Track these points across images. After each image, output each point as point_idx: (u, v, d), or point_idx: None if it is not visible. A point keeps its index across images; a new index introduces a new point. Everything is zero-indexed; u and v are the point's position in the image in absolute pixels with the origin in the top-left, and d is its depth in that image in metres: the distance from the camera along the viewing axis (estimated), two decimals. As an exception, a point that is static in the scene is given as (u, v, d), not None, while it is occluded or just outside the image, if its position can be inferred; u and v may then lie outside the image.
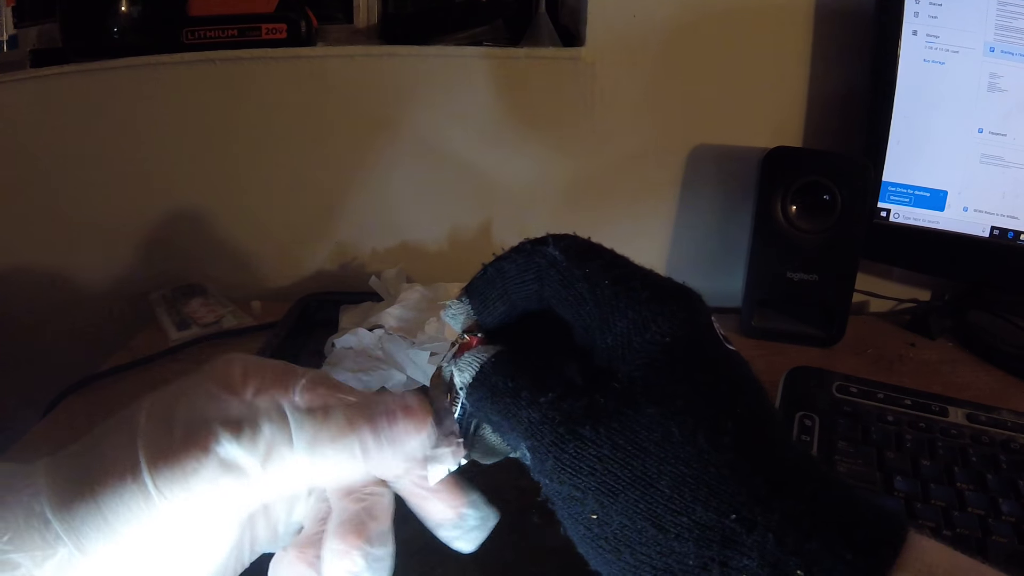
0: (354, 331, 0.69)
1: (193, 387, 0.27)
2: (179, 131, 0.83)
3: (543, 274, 0.27)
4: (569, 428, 0.24)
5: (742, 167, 0.84)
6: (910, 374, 0.74)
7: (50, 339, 0.90)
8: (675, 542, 0.22)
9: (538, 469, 0.25)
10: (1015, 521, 0.50)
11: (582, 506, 0.24)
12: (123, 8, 0.81)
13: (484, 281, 0.28)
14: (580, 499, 0.24)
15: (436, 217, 0.89)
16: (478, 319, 0.29)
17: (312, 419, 0.27)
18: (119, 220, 0.86)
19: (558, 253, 0.27)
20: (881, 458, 0.55)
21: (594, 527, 0.24)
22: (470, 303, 0.29)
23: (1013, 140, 0.70)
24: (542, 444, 0.24)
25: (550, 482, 0.24)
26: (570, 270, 0.26)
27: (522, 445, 0.25)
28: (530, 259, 0.27)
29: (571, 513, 0.24)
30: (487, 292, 0.28)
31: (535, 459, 0.25)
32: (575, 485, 0.24)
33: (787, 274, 0.77)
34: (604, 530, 0.23)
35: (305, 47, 0.82)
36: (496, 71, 0.82)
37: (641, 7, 0.80)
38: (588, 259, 0.26)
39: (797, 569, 0.20)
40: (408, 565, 0.50)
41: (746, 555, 0.21)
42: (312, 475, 0.27)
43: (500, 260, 0.28)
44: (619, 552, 0.23)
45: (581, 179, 0.87)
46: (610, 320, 0.25)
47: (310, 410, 0.27)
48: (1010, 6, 0.67)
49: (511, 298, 0.28)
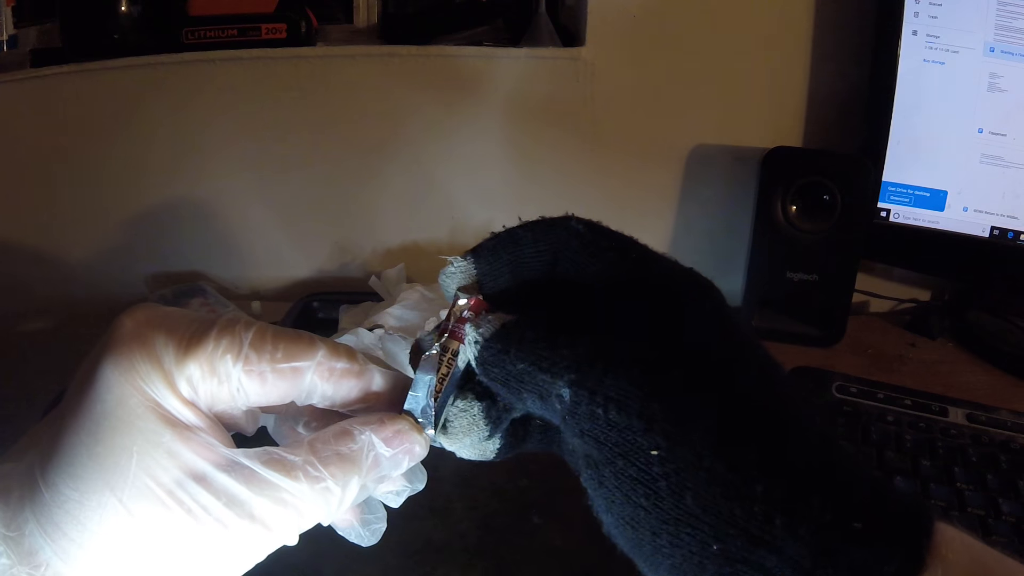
0: (354, 331, 0.69)
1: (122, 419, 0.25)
2: (179, 131, 0.83)
3: (562, 245, 0.27)
4: (630, 355, 0.23)
5: (742, 167, 0.84)
6: (910, 374, 0.74)
7: (50, 339, 0.89)
8: (744, 486, 0.21)
9: (585, 404, 0.23)
10: (1015, 521, 0.50)
11: (644, 438, 0.22)
12: (123, 8, 0.81)
13: (495, 244, 0.28)
14: (642, 430, 0.22)
15: (436, 217, 0.89)
16: (480, 283, 0.28)
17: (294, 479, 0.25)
18: (119, 220, 0.86)
19: (581, 227, 0.27)
20: (881, 458, 0.55)
21: (654, 466, 0.21)
22: (475, 264, 0.28)
23: (1013, 140, 0.70)
24: (593, 373, 0.23)
25: (600, 416, 0.22)
26: (596, 242, 0.26)
27: (559, 385, 0.23)
28: (549, 230, 0.27)
29: (623, 452, 0.22)
30: (496, 257, 0.28)
31: (581, 393, 0.23)
32: (638, 412, 0.22)
33: (787, 274, 0.77)
34: (665, 468, 0.21)
35: (305, 47, 0.82)
36: (496, 71, 0.82)
37: (641, 7, 0.80)
38: (612, 234, 0.27)
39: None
40: (408, 565, 0.50)
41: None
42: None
43: (514, 228, 0.28)
44: (680, 496, 0.21)
45: (581, 179, 0.87)
46: (645, 281, 0.25)
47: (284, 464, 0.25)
48: (1010, 6, 0.67)
49: (521, 266, 0.27)
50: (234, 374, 0.26)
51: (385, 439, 0.27)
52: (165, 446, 0.24)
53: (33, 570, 0.24)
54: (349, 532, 0.31)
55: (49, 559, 0.24)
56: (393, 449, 0.27)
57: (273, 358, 0.27)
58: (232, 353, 0.26)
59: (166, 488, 0.24)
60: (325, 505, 0.26)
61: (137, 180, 0.85)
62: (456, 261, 0.28)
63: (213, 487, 0.24)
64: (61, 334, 0.89)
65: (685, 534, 0.21)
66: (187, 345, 0.26)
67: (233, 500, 0.24)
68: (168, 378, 0.25)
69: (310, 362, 0.27)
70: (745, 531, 0.20)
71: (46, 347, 0.89)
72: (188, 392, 0.26)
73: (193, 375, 0.26)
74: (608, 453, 0.23)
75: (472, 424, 0.28)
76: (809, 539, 0.20)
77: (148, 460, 0.24)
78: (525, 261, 0.27)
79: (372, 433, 0.27)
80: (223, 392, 0.27)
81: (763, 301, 0.80)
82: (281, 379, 0.27)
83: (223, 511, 0.24)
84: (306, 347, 0.27)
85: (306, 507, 0.25)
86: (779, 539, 0.20)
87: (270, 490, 0.25)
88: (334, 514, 0.26)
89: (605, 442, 0.23)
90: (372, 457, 0.26)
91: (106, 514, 0.24)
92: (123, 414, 0.24)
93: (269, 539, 0.25)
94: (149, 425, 0.25)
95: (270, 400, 0.28)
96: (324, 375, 0.28)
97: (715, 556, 0.20)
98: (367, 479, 0.27)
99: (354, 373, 0.28)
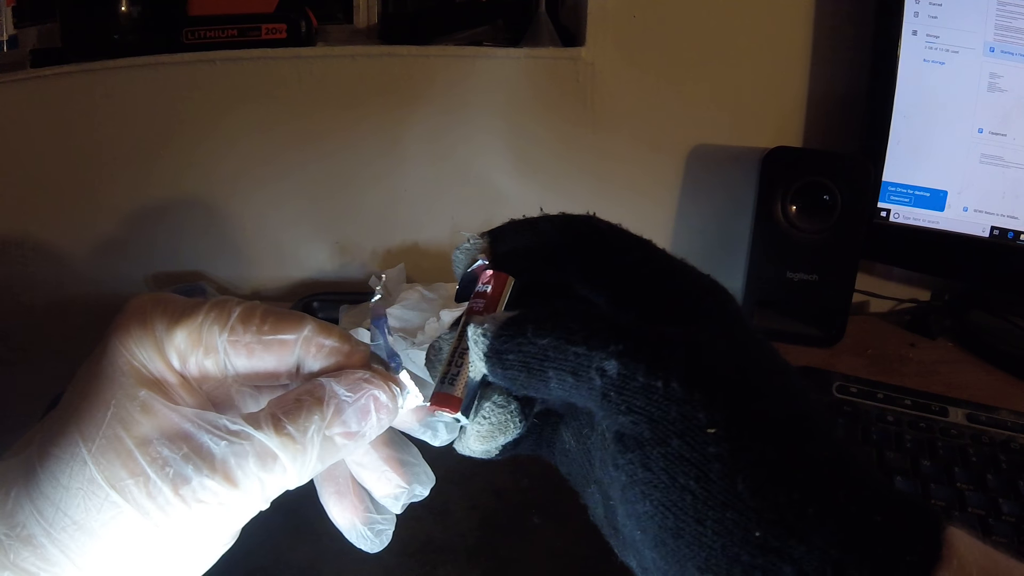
0: (354, 331, 0.69)
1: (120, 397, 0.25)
2: (179, 131, 0.83)
3: (582, 239, 0.27)
4: (679, 333, 0.22)
5: (742, 167, 0.84)
6: (910, 374, 0.74)
7: (49, 339, 0.89)
8: (789, 472, 0.21)
9: (641, 377, 0.22)
10: (1015, 521, 0.50)
11: (705, 413, 0.21)
12: (123, 8, 0.81)
13: (514, 228, 0.28)
14: (703, 405, 0.21)
15: (436, 217, 0.89)
16: (494, 264, 0.27)
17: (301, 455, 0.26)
18: (119, 220, 0.86)
19: (604, 226, 0.27)
20: (881, 458, 0.55)
21: (709, 446, 0.21)
22: (491, 244, 0.28)
23: (1013, 140, 0.70)
24: (647, 344, 0.22)
25: (659, 389, 0.21)
26: (621, 239, 0.27)
27: (598, 357, 0.22)
28: (569, 224, 0.27)
29: (678, 430, 0.21)
30: (514, 240, 0.28)
31: (635, 366, 0.22)
32: (702, 386, 0.21)
33: (787, 274, 0.77)
34: (720, 448, 0.20)
35: (305, 47, 0.82)
36: (496, 71, 0.82)
37: (641, 7, 0.80)
38: (635, 236, 0.27)
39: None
40: (408, 565, 0.50)
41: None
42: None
43: (534, 217, 0.28)
44: (731, 479, 0.20)
45: (581, 179, 0.87)
46: (674, 282, 0.26)
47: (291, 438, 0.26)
48: (1010, 6, 0.67)
49: (536, 254, 0.27)
50: (220, 345, 0.27)
51: (346, 386, 0.27)
52: (141, 400, 0.25)
53: (10, 530, 0.24)
54: (352, 534, 0.31)
55: (26, 519, 0.24)
56: (355, 394, 0.27)
57: (260, 330, 0.27)
58: (219, 325, 0.27)
59: (136, 440, 0.24)
60: (289, 454, 0.26)
61: (137, 180, 0.85)
62: (472, 238, 0.28)
63: (178, 442, 0.25)
64: (62, 334, 0.89)
65: (730, 519, 0.20)
66: (178, 317, 0.27)
67: (197, 451, 0.25)
68: (158, 344, 0.27)
69: (296, 336, 0.28)
70: (783, 519, 0.20)
71: (47, 346, 0.90)
72: (177, 361, 0.27)
73: (180, 344, 0.27)
74: (661, 431, 0.21)
75: (509, 421, 0.27)
76: (836, 530, 0.20)
77: (122, 412, 0.25)
78: (541, 250, 0.27)
79: (332, 382, 0.27)
80: (210, 364, 0.27)
81: (763, 301, 0.80)
82: (267, 351, 0.28)
83: (184, 465, 0.24)
84: (294, 322, 0.28)
85: (269, 456, 0.25)
86: (808, 529, 0.20)
87: (233, 441, 0.25)
88: (301, 467, 0.26)
89: (659, 419, 0.21)
90: (334, 404, 0.27)
91: (75, 467, 0.24)
92: (110, 372, 0.26)
93: (234, 498, 0.25)
94: (129, 381, 0.26)
95: (257, 372, 0.28)
96: (311, 351, 0.28)
97: (752, 545, 0.20)
98: (332, 430, 0.27)
99: (343, 352, 0.28)
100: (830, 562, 0.19)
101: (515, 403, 0.27)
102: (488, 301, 0.26)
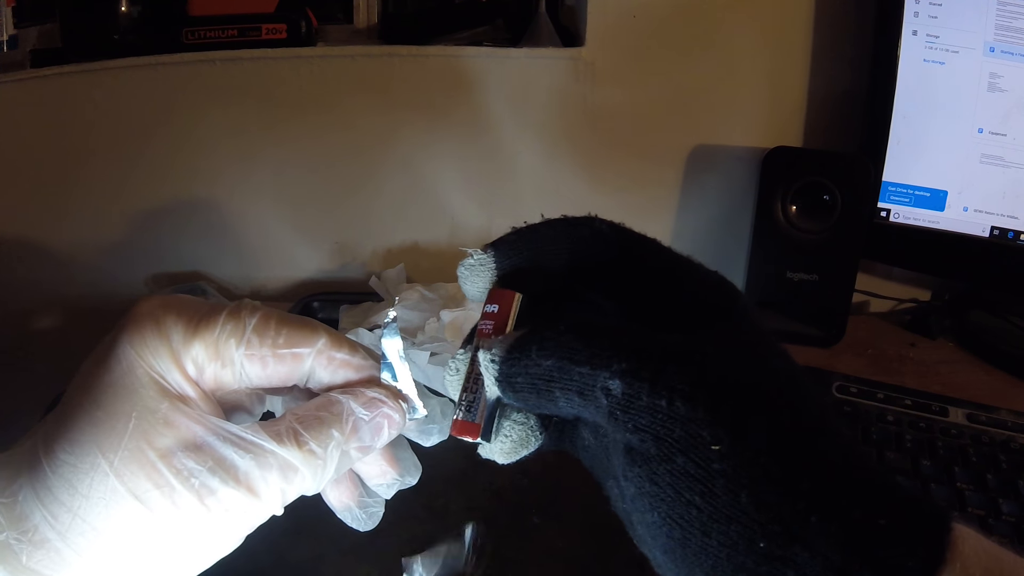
0: (354, 331, 0.69)
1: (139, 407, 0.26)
2: (179, 131, 0.83)
3: (583, 243, 0.27)
4: (683, 346, 0.22)
5: (742, 167, 0.84)
6: (910, 374, 0.74)
7: (50, 340, 0.89)
8: (793, 483, 0.21)
9: (645, 396, 0.22)
10: (1015, 521, 0.50)
11: (709, 431, 0.21)
12: (123, 8, 0.81)
13: (515, 238, 0.28)
14: (708, 423, 0.21)
15: (436, 217, 0.89)
16: (498, 280, 0.28)
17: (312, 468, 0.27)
18: (119, 220, 0.86)
19: (605, 227, 0.27)
20: (881, 458, 0.55)
21: (713, 462, 0.21)
22: (494, 258, 0.28)
23: (1013, 140, 0.70)
24: (650, 362, 0.22)
25: (663, 408, 0.22)
26: (624, 240, 0.27)
27: (602, 377, 0.22)
28: (570, 228, 0.27)
29: (683, 447, 0.21)
30: (516, 251, 0.28)
31: (638, 385, 0.22)
32: (705, 404, 0.21)
33: (787, 274, 0.77)
34: (724, 464, 0.21)
35: (305, 47, 0.82)
36: (496, 71, 0.82)
37: (641, 7, 0.80)
38: (637, 235, 0.27)
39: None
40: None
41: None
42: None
43: (535, 224, 0.28)
44: (735, 493, 0.21)
45: (580, 179, 0.86)
46: (680, 281, 0.26)
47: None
48: (1010, 6, 0.67)
49: (540, 260, 0.27)
50: (236, 358, 0.28)
51: (363, 404, 0.28)
52: (162, 413, 0.26)
53: (21, 535, 0.24)
54: (347, 515, 0.31)
55: (39, 523, 0.24)
56: (370, 412, 0.28)
57: (275, 343, 0.28)
58: (236, 338, 0.28)
59: (159, 452, 0.25)
60: (310, 468, 0.27)
61: (137, 180, 0.85)
62: (476, 253, 0.28)
63: (203, 454, 0.25)
64: (61, 334, 0.90)
65: (735, 532, 0.21)
66: (195, 327, 0.27)
67: (221, 464, 0.25)
68: (175, 356, 0.27)
69: (310, 349, 0.29)
70: (788, 528, 0.20)
71: (46, 347, 0.90)
72: (193, 371, 0.27)
73: (198, 356, 0.27)
74: (666, 449, 0.22)
75: (529, 436, 0.27)
76: (839, 536, 0.20)
77: (144, 425, 0.25)
78: (545, 258, 0.27)
79: (350, 400, 0.28)
80: (227, 375, 0.28)
81: (763, 301, 0.80)
82: (281, 364, 0.28)
83: (211, 477, 0.25)
84: (308, 334, 0.29)
85: (291, 470, 0.26)
86: (812, 536, 0.20)
87: (258, 454, 0.26)
88: (319, 479, 0.27)
89: (664, 437, 0.22)
90: (352, 422, 0.28)
91: (97, 477, 0.24)
92: (128, 382, 0.26)
93: (256, 507, 0.26)
94: (150, 393, 0.26)
95: (271, 382, 0.29)
96: (323, 363, 0.29)
97: (758, 554, 0.20)
98: (348, 445, 0.28)
99: (353, 365, 0.30)
100: (832, 567, 0.20)
101: (534, 418, 0.27)
102: (497, 322, 0.27)
